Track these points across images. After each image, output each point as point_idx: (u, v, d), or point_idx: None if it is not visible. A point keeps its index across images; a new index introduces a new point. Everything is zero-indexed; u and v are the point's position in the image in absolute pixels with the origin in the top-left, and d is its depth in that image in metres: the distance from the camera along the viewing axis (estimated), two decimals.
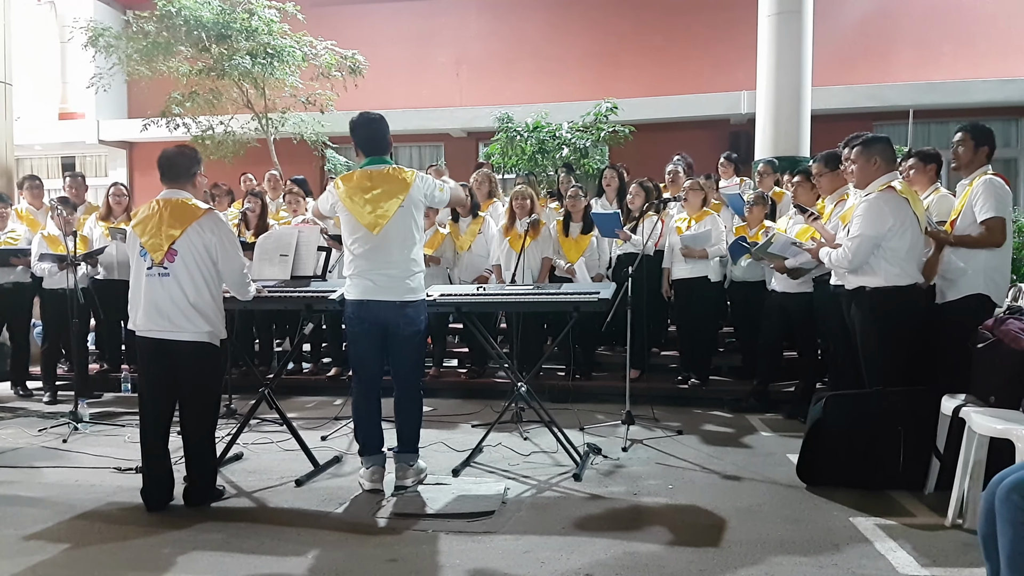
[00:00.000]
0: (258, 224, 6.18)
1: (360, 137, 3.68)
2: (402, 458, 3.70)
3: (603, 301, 3.98)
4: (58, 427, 4.99)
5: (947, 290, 3.94)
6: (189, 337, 3.40)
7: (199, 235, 3.40)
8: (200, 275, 3.41)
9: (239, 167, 8.83)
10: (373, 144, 3.67)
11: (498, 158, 8.96)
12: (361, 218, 3.54)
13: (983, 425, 3.02)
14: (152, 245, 3.37)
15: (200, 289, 3.41)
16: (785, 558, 2.87)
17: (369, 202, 3.54)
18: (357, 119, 3.69)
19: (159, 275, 3.37)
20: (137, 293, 3.43)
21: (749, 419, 5.23)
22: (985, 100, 9.97)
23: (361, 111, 3.73)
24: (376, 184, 3.56)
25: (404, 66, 11.61)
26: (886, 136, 4.03)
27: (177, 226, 3.38)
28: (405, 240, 3.57)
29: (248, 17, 8.63)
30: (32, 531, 3.19)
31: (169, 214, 3.41)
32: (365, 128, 3.67)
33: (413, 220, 3.60)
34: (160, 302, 3.37)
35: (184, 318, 3.37)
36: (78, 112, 12.65)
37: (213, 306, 3.48)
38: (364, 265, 3.57)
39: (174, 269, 3.37)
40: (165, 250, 3.36)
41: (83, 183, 6.99)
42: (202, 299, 3.41)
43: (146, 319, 3.40)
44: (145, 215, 3.46)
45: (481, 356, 6.35)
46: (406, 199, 3.55)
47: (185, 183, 3.53)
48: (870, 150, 3.85)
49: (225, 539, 3.09)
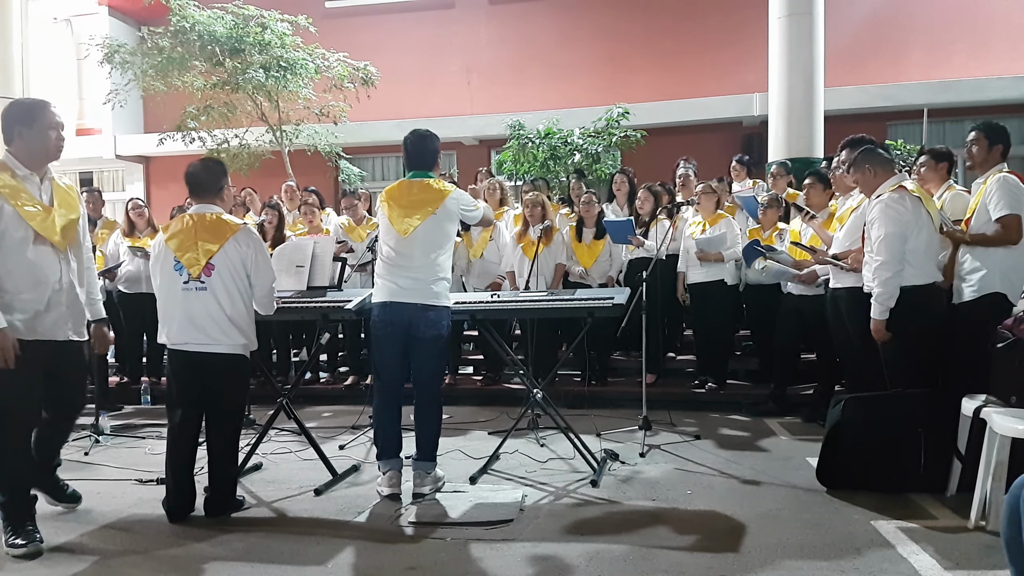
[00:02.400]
0: (275, 235, 6.22)
1: (408, 152, 3.89)
2: (420, 466, 3.72)
3: (617, 306, 3.98)
4: (80, 440, 5.04)
5: (963, 290, 3.90)
6: (225, 350, 3.44)
7: (236, 250, 3.45)
8: (236, 288, 3.46)
9: (254, 179, 8.92)
10: (418, 159, 3.87)
11: (510, 165, 8.99)
12: (394, 222, 3.71)
13: (1005, 426, 2.99)
14: (189, 260, 3.41)
15: (236, 302, 3.45)
16: (805, 563, 2.84)
17: (404, 207, 3.72)
18: (409, 135, 3.90)
19: (196, 289, 3.41)
20: (172, 307, 3.46)
21: (767, 423, 5.20)
22: (1000, 98, 9.88)
23: (413, 128, 3.93)
24: (415, 194, 3.75)
25: (416, 75, 11.69)
26: (870, 144, 4.08)
27: (214, 241, 3.42)
28: (433, 246, 3.69)
29: (261, 31, 8.74)
30: (55, 543, 3.22)
31: (204, 229, 3.45)
32: (413, 144, 3.87)
33: (443, 230, 3.74)
34: (196, 315, 3.40)
35: (220, 331, 3.42)
36: (95, 128, 12.84)
37: (247, 318, 3.53)
38: (392, 268, 3.71)
39: (211, 283, 3.41)
40: (203, 264, 3.40)
41: (100, 198, 7.08)
42: (238, 312, 3.46)
43: (181, 332, 3.43)
44: (178, 229, 3.50)
45: (496, 363, 6.36)
46: (439, 209, 3.70)
47: (214, 198, 3.57)
48: (860, 163, 3.90)
49: (246, 549, 3.12)
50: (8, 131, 3.15)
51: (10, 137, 3.15)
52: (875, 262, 3.75)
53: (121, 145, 12.59)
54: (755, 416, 5.36)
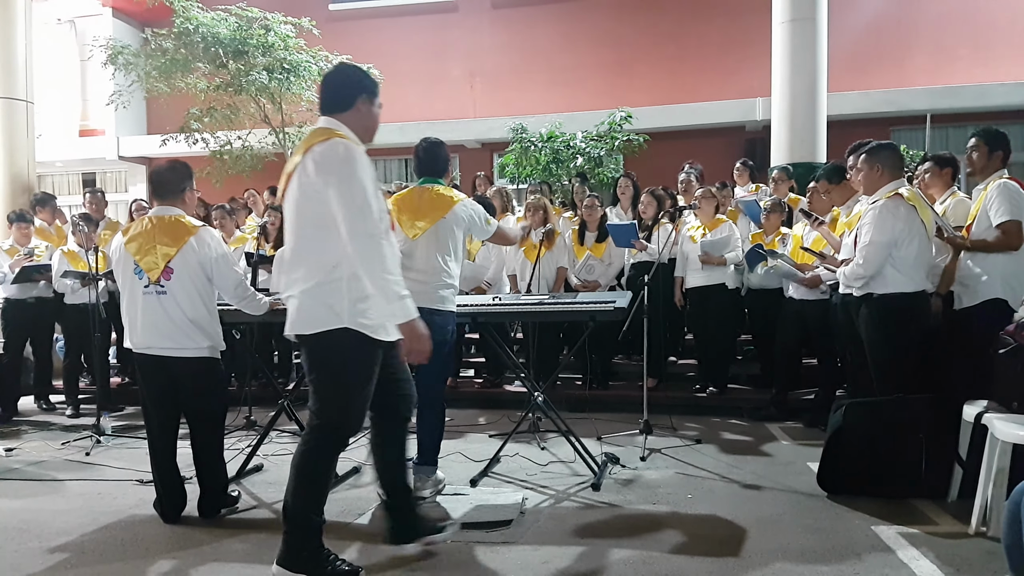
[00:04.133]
0: (277, 237, 6.24)
1: (418, 160, 3.91)
2: (421, 470, 3.72)
3: (619, 310, 3.98)
4: (81, 440, 5.06)
5: (964, 296, 3.91)
6: (190, 354, 3.42)
7: (193, 252, 3.42)
8: (196, 291, 3.43)
9: (256, 182, 8.94)
10: (430, 166, 3.88)
11: (512, 168, 9.00)
12: (403, 226, 3.71)
13: (1006, 432, 2.98)
14: (148, 264, 3.39)
15: (196, 305, 3.43)
16: (806, 568, 2.84)
17: (413, 212, 3.73)
18: (421, 143, 3.92)
19: (156, 293, 3.38)
20: (133, 311, 3.44)
21: (768, 428, 5.19)
22: (1003, 104, 9.87)
23: (422, 136, 3.94)
24: (423, 199, 3.77)
25: (419, 78, 11.71)
26: (892, 143, 4.04)
27: (172, 244, 3.40)
28: (440, 251, 3.69)
29: (264, 33, 8.76)
30: (56, 543, 3.24)
31: (162, 232, 3.43)
32: (425, 151, 3.89)
33: (452, 235, 3.74)
34: (158, 320, 3.38)
35: (184, 335, 3.40)
36: (98, 129, 12.87)
37: (210, 320, 3.49)
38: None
39: (171, 287, 3.38)
40: (162, 268, 3.37)
41: (103, 199, 7.10)
42: (199, 315, 3.43)
43: (145, 337, 3.42)
44: (138, 231, 3.47)
45: (497, 366, 6.36)
46: (448, 215, 3.71)
47: (175, 200, 3.55)
48: (873, 158, 3.87)
49: (247, 551, 3.12)
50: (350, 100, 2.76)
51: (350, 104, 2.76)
52: (855, 264, 3.79)
53: (124, 146, 12.61)
54: (756, 421, 5.36)
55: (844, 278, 3.92)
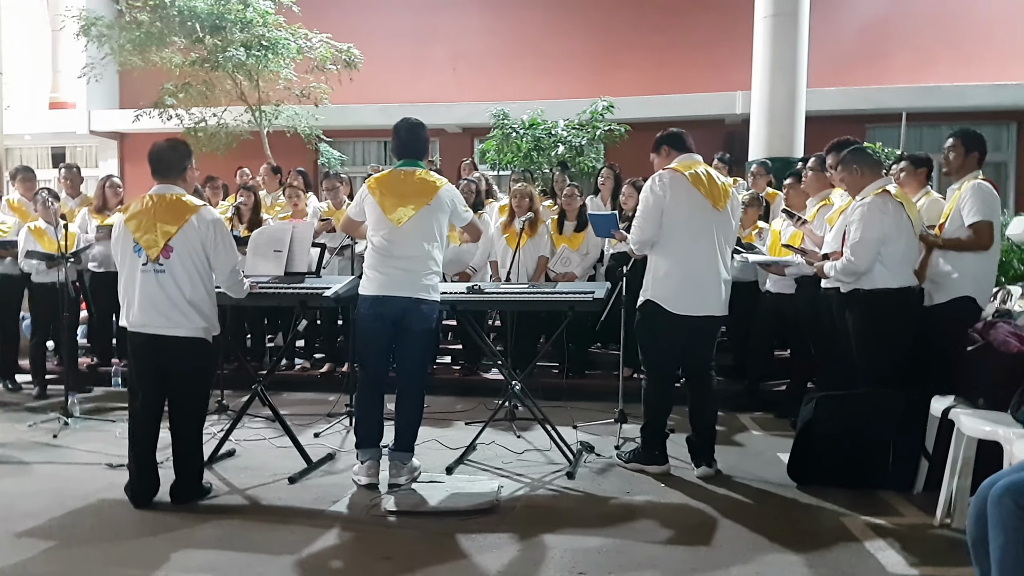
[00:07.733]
0: (251, 218, 6.15)
1: (398, 140, 3.83)
2: (397, 456, 3.71)
3: (597, 300, 3.99)
4: (48, 422, 4.95)
5: (935, 293, 3.99)
6: (185, 333, 3.39)
7: (195, 231, 3.39)
8: (196, 271, 3.41)
9: (231, 160, 8.78)
10: (409, 148, 3.82)
11: (493, 155, 8.95)
12: (387, 211, 3.64)
13: (972, 427, 3.05)
14: (147, 241, 3.36)
15: (196, 285, 3.40)
16: (776, 556, 2.89)
17: (397, 196, 3.66)
18: (399, 124, 3.84)
19: (155, 271, 3.35)
20: (131, 289, 3.41)
21: (740, 418, 5.26)
22: (978, 104, 10.02)
23: (403, 116, 3.86)
24: (407, 183, 3.70)
25: (400, 61, 11.56)
26: (858, 145, 4.12)
27: (172, 222, 3.37)
28: (426, 238, 3.65)
29: (243, 8, 8.56)
30: (23, 528, 3.17)
31: (163, 210, 3.39)
32: (404, 133, 3.82)
33: (437, 222, 3.70)
34: (156, 298, 3.35)
35: (180, 314, 3.37)
36: (69, 102, 12.51)
37: (208, 301, 3.47)
38: (384, 258, 3.64)
39: (170, 265, 3.36)
40: (161, 246, 3.34)
41: (78, 175, 6.93)
42: (198, 295, 3.41)
43: (141, 315, 3.38)
44: (137, 210, 3.43)
45: (475, 353, 6.35)
46: (433, 201, 3.67)
47: (176, 178, 3.51)
48: (849, 163, 3.95)
49: (218, 536, 3.09)
50: None
51: None
52: (846, 260, 3.82)
53: (95, 120, 12.29)
54: (728, 411, 5.42)
55: (835, 273, 3.93)
